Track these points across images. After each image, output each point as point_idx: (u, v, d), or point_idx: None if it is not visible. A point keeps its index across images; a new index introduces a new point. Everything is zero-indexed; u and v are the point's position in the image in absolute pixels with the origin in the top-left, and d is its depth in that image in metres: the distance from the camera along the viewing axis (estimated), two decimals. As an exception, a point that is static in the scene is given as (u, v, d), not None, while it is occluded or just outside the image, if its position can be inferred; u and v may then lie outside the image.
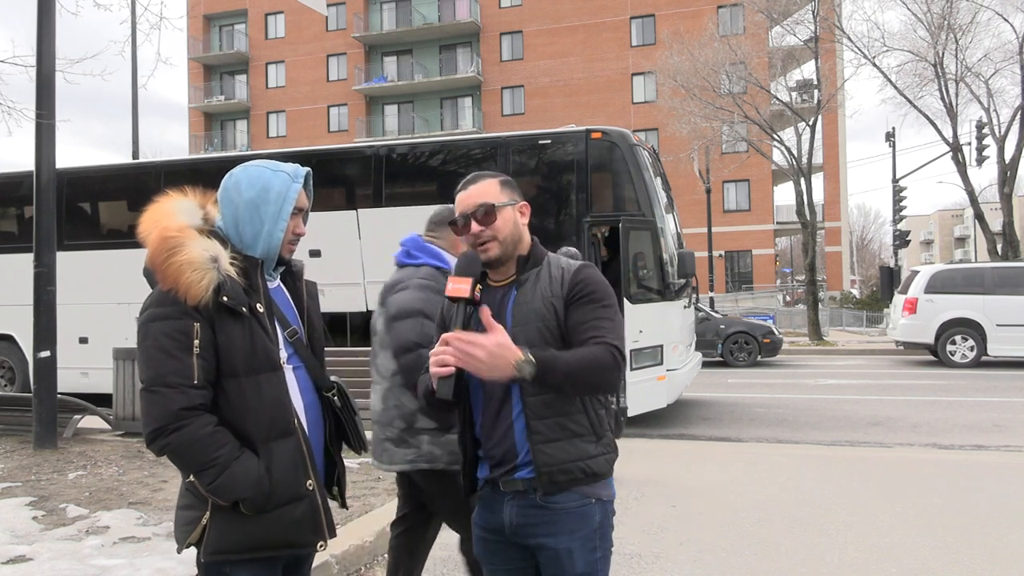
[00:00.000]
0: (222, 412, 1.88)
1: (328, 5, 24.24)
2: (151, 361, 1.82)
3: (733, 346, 16.61)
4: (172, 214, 1.92)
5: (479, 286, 2.01)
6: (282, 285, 2.09)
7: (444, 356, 1.83)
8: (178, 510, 1.96)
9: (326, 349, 2.22)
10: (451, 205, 2.54)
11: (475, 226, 2.02)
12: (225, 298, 1.84)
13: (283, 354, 1.97)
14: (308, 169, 2.07)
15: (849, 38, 23.15)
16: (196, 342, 1.82)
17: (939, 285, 15.96)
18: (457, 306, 2.00)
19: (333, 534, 2.02)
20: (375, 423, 3.08)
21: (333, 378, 2.11)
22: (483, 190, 2.06)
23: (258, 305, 1.92)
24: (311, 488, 1.95)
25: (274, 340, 1.95)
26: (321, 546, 1.99)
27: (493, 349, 1.76)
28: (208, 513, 1.87)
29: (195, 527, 1.89)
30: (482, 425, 2.03)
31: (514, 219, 2.06)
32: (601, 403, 2.03)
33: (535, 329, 1.96)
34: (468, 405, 2.06)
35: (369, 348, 3.26)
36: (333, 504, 2.12)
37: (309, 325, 2.11)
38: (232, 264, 1.90)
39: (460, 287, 1.96)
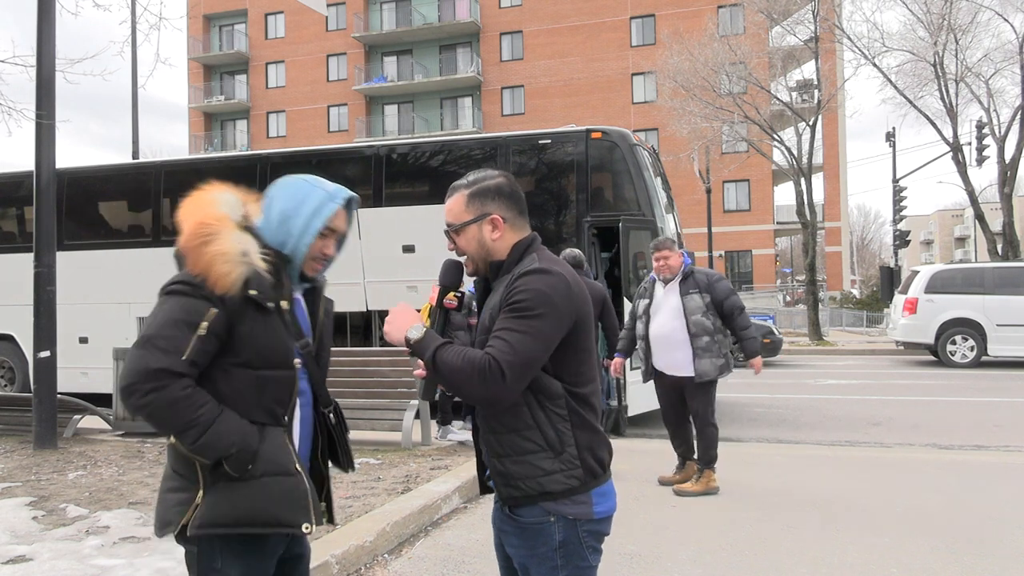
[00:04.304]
0: (222, 397, 1.88)
1: (328, 5, 24.26)
2: (154, 324, 1.83)
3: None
4: (214, 203, 1.94)
5: (452, 293, 2.09)
6: (302, 299, 2.10)
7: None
8: (165, 493, 1.93)
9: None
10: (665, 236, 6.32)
11: (450, 243, 2.08)
12: (253, 292, 1.86)
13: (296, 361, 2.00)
14: (354, 195, 2.07)
15: (849, 38, 23.14)
16: (204, 323, 1.83)
17: (939, 285, 15.95)
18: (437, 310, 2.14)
19: (320, 522, 2.00)
20: (704, 350, 5.60)
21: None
22: (451, 207, 2.06)
23: (283, 303, 1.94)
24: (298, 469, 1.94)
25: (293, 339, 1.97)
26: (307, 528, 1.93)
27: (392, 316, 1.98)
28: (201, 493, 1.86)
29: (188, 507, 1.87)
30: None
31: (478, 237, 2.02)
32: (563, 417, 1.92)
33: (486, 342, 1.94)
34: None
35: (369, 349, 3.50)
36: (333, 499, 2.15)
37: (319, 342, 2.12)
38: (264, 260, 1.91)
39: (431, 295, 2.09)
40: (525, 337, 1.84)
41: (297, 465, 1.95)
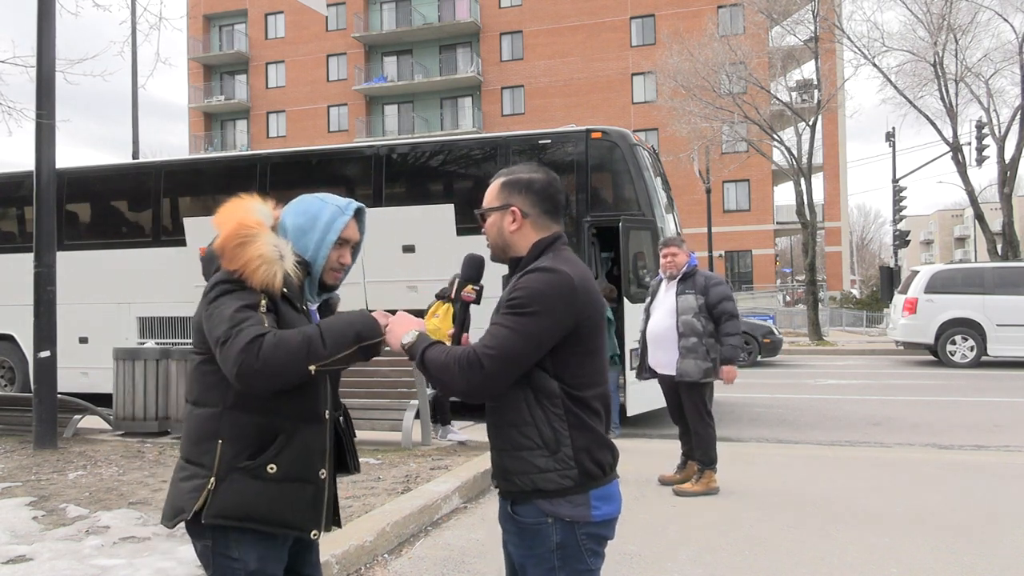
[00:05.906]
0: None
1: (328, 5, 24.24)
2: (223, 320, 1.89)
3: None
4: (251, 210, 2.06)
5: (471, 286, 2.12)
6: (316, 312, 2.21)
7: None
8: (177, 483, 1.99)
9: None
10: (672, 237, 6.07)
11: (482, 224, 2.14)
12: (286, 290, 2.00)
13: None
14: (361, 205, 2.20)
15: (849, 38, 23.15)
16: (263, 302, 1.95)
17: (939, 285, 15.96)
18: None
19: (329, 528, 2.10)
20: (689, 351, 5.53)
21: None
22: (488, 191, 2.11)
23: (305, 306, 2.09)
24: (322, 477, 2.03)
25: None
26: (315, 534, 2.03)
27: (391, 324, 2.01)
28: (213, 479, 1.92)
29: (201, 493, 1.92)
30: None
31: (499, 225, 2.06)
32: (560, 417, 1.91)
33: None
34: None
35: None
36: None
37: None
38: (296, 266, 2.04)
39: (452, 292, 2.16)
40: (511, 333, 1.86)
41: (321, 472, 2.04)
